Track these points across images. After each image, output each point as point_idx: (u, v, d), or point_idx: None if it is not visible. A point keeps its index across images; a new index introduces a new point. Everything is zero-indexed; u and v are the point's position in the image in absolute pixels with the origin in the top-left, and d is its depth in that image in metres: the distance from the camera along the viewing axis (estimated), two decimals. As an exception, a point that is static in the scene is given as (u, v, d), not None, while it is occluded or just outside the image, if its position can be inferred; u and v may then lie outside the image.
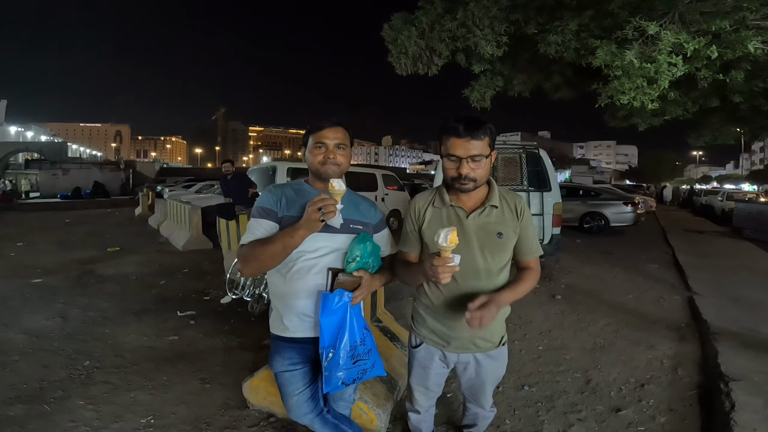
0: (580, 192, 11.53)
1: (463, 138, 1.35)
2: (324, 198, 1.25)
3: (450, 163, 1.39)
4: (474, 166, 1.37)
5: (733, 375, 2.74)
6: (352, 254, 1.38)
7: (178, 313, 4.12)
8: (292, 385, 1.48)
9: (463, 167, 1.36)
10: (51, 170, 24.90)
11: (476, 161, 1.37)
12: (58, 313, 4.08)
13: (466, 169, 1.36)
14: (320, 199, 1.26)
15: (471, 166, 1.36)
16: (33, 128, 55.63)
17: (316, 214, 1.25)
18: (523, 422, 2.43)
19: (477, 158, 1.36)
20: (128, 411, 2.44)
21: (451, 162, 1.39)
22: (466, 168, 1.36)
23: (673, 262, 7.09)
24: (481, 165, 1.38)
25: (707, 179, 62.00)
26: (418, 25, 6.00)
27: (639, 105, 4.47)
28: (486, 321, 1.31)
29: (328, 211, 1.24)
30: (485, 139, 1.37)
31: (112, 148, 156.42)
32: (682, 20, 3.97)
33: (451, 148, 1.38)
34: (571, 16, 5.18)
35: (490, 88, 7.03)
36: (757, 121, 8.60)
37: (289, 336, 1.46)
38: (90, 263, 6.29)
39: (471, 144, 1.35)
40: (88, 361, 3.07)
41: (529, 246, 1.54)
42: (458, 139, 1.36)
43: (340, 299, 1.32)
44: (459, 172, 1.38)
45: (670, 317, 4.28)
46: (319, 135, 1.42)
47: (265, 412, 2.40)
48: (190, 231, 7.81)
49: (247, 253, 1.35)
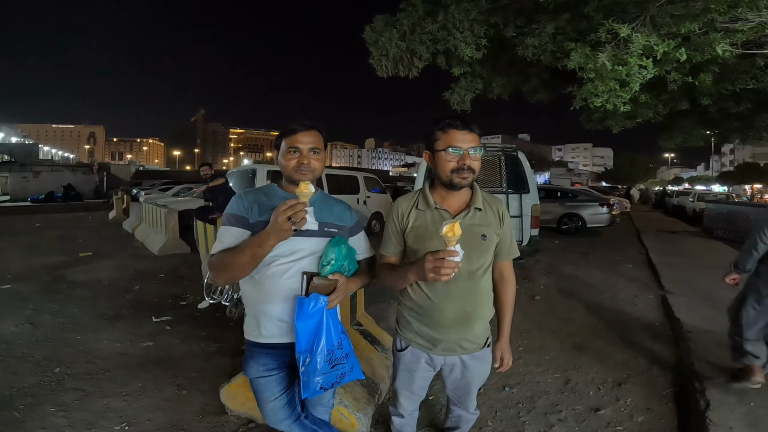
0: (557, 194, 11.74)
1: (463, 130, 1.38)
2: (292, 205, 1.20)
3: (450, 155, 1.39)
4: (474, 158, 1.40)
5: (707, 374, 2.79)
6: (327, 257, 1.35)
7: (153, 318, 4.02)
8: (268, 391, 1.45)
9: (466, 158, 1.38)
10: (21, 173, 24.09)
11: (476, 153, 1.40)
12: (27, 319, 3.94)
13: (468, 159, 1.38)
14: (288, 206, 1.20)
15: (471, 158, 1.39)
16: (3, 129, 53.72)
17: (287, 224, 1.20)
18: (504, 423, 2.45)
19: (476, 150, 1.40)
20: (101, 418, 2.38)
21: (452, 154, 1.39)
22: (468, 159, 1.38)
23: (647, 262, 7.28)
24: (478, 158, 1.42)
25: (679, 180, 64.10)
26: (400, 28, 6.02)
27: (612, 107, 4.56)
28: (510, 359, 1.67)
29: (298, 219, 1.20)
30: (478, 134, 1.42)
31: (85, 150, 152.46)
32: (654, 23, 4.07)
33: (452, 140, 1.38)
34: (548, 19, 5.27)
35: (470, 91, 7.10)
36: (726, 123, 8.89)
37: (263, 342, 1.42)
38: (61, 268, 6.09)
39: (470, 136, 1.39)
40: (59, 368, 2.98)
41: (506, 248, 1.57)
42: (459, 131, 1.39)
43: (316, 303, 1.30)
44: (462, 163, 1.38)
45: (645, 316, 4.38)
46: (292, 139, 1.39)
47: (245, 417, 2.35)
48: (166, 235, 7.63)
49: (216, 262, 1.32)
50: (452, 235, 1.13)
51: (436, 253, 1.18)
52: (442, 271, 1.16)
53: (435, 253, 1.18)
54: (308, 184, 1.25)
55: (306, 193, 1.24)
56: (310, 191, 1.25)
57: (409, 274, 1.34)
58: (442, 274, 1.16)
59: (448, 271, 1.16)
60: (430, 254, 1.20)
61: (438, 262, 1.16)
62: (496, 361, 1.65)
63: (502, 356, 1.65)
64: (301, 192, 1.24)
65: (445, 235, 1.14)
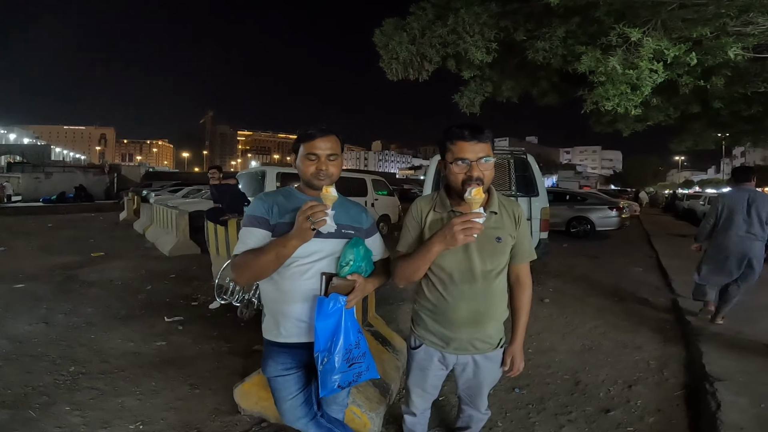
0: (566, 197, 11.68)
1: (471, 141, 1.37)
2: (313, 206, 1.23)
3: (458, 167, 1.38)
4: (483, 168, 1.38)
5: (718, 375, 2.79)
6: (346, 258, 1.38)
7: (165, 318, 4.07)
8: (286, 390, 1.47)
9: (474, 170, 1.36)
10: (33, 174, 24.41)
11: (485, 163, 1.38)
12: (42, 318, 4.00)
13: (477, 171, 1.36)
14: (309, 207, 1.23)
15: (481, 168, 1.38)
16: (16, 130, 54.53)
17: (306, 224, 1.24)
18: (515, 424, 2.45)
19: (485, 160, 1.38)
20: (116, 417, 2.41)
21: (460, 166, 1.38)
22: (476, 170, 1.36)
23: (657, 266, 7.23)
24: (489, 167, 1.40)
25: (689, 184, 63.37)
26: (410, 31, 6.04)
27: (623, 111, 4.55)
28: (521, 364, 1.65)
29: (317, 220, 1.22)
30: (488, 142, 1.40)
31: (96, 151, 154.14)
32: (665, 27, 4.07)
33: (458, 152, 1.38)
34: (558, 23, 5.27)
35: (479, 94, 7.09)
36: (737, 126, 8.80)
37: (282, 341, 1.45)
38: (73, 268, 6.18)
39: (478, 146, 1.37)
40: (73, 367, 3.02)
41: (523, 250, 1.58)
42: (466, 142, 1.37)
43: (335, 303, 1.32)
44: (470, 174, 1.37)
45: (655, 319, 4.36)
46: (310, 145, 1.41)
47: (257, 417, 2.38)
48: (177, 236, 7.72)
49: (240, 263, 1.34)
50: (479, 197, 1.24)
51: (463, 216, 1.25)
52: (471, 232, 1.23)
53: (462, 216, 1.26)
54: (331, 188, 1.29)
55: (329, 196, 1.28)
56: (334, 195, 1.29)
57: (434, 244, 1.35)
58: (470, 234, 1.23)
59: (476, 231, 1.24)
60: (456, 218, 1.26)
61: (467, 223, 1.23)
62: (505, 364, 1.65)
63: (514, 360, 1.64)
64: (325, 195, 1.28)
65: (473, 197, 1.24)
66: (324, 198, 1.28)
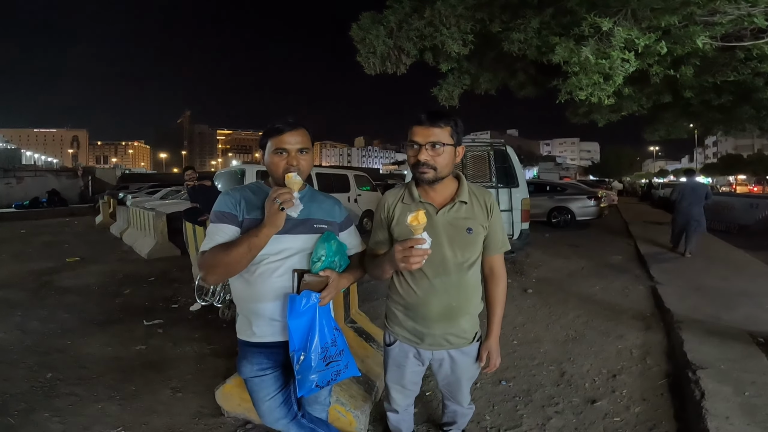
0: (547, 188, 11.84)
1: (424, 125, 1.38)
2: (279, 190, 1.25)
3: (411, 150, 1.41)
4: (433, 153, 1.38)
5: (700, 363, 2.82)
6: (317, 254, 1.35)
7: (145, 322, 3.98)
8: (263, 391, 1.44)
9: (422, 153, 1.37)
10: (5, 178, 23.55)
11: (435, 148, 1.37)
12: (16, 326, 3.89)
13: (424, 155, 1.37)
14: (275, 192, 1.25)
15: (430, 153, 1.37)
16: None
17: (275, 206, 1.24)
18: (502, 417, 2.46)
19: (436, 145, 1.37)
20: (96, 422, 2.36)
21: (412, 149, 1.40)
22: (424, 154, 1.37)
23: (636, 253, 7.39)
24: (441, 153, 1.38)
25: (664, 173, 64.99)
26: (387, 25, 5.99)
27: (596, 100, 4.61)
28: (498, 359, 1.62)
29: (284, 200, 1.24)
30: (446, 128, 1.38)
31: (69, 154, 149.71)
32: (635, 16, 4.11)
33: (411, 135, 1.40)
34: (533, 14, 5.30)
35: (457, 87, 7.11)
36: (708, 115, 9.02)
37: (257, 341, 1.42)
38: (48, 274, 5.99)
39: (430, 131, 1.37)
40: (51, 374, 2.95)
41: (496, 241, 1.55)
42: (419, 126, 1.39)
43: (308, 301, 1.29)
44: (416, 158, 1.38)
45: (636, 307, 4.44)
46: (279, 140, 1.35)
47: (241, 419, 2.34)
48: (155, 238, 7.55)
49: (210, 259, 1.29)
50: (417, 224, 1.17)
51: (404, 243, 1.22)
52: (411, 260, 1.20)
53: (403, 243, 1.22)
54: (293, 174, 1.30)
55: (293, 181, 1.29)
56: (298, 180, 1.30)
57: (384, 264, 1.38)
58: (412, 262, 1.20)
59: (418, 259, 1.20)
60: (398, 244, 1.24)
61: (407, 251, 1.20)
62: (481, 359, 1.61)
63: (490, 354, 1.60)
64: (290, 181, 1.29)
65: (410, 224, 1.18)
66: (289, 184, 1.29)
